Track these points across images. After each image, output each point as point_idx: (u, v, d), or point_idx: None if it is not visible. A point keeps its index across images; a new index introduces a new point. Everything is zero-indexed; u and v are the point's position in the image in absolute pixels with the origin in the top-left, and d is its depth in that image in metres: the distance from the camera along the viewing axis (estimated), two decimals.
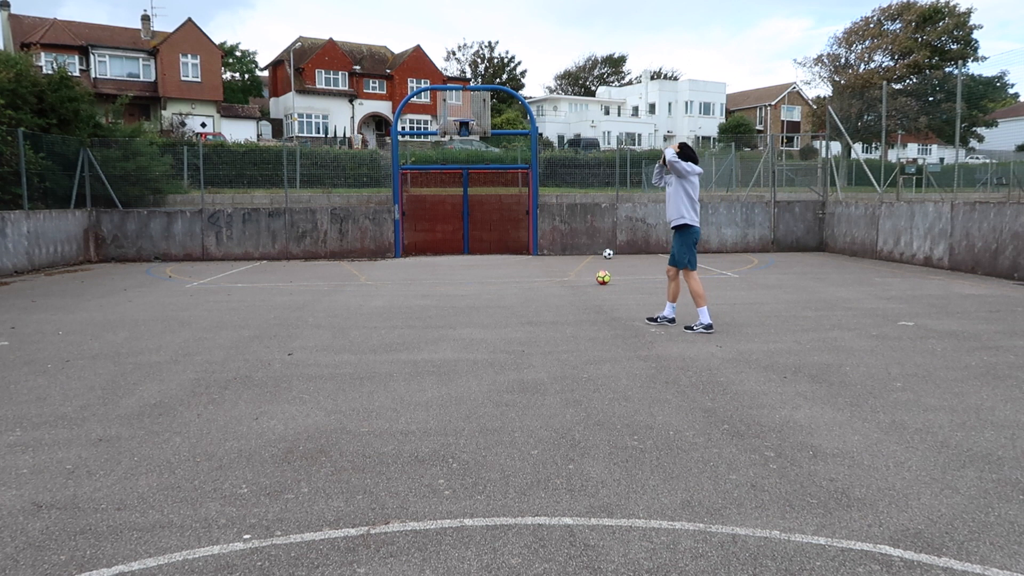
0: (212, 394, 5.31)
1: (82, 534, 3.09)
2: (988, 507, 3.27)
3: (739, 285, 11.59)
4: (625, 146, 43.52)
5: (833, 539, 2.99)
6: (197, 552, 2.93)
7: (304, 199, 22.28)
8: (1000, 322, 7.91)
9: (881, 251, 15.71)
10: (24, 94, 16.52)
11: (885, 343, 6.87)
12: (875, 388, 5.30)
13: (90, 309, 9.49)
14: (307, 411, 4.87)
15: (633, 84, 66.95)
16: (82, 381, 5.70)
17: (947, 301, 9.50)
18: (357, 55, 49.45)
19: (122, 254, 17.22)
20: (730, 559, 2.84)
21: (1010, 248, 12.10)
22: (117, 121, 22.34)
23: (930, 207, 14.25)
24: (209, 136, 36.00)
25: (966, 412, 4.71)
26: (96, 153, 17.49)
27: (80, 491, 3.54)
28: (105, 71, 39.08)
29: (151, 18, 41.94)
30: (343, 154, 31.67)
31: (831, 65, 38.88)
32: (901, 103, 31.89)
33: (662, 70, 70.48)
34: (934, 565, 2.77)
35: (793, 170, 26.85)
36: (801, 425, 4.47)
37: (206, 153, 23.65)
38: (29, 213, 14.74)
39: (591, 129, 54.68)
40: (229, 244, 17.63)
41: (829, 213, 18.17)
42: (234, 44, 50.89)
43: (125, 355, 6.64)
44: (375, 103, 48.58)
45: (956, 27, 36.18)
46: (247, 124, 43.24)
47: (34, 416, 4.78)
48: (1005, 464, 3.79)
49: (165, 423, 4.63)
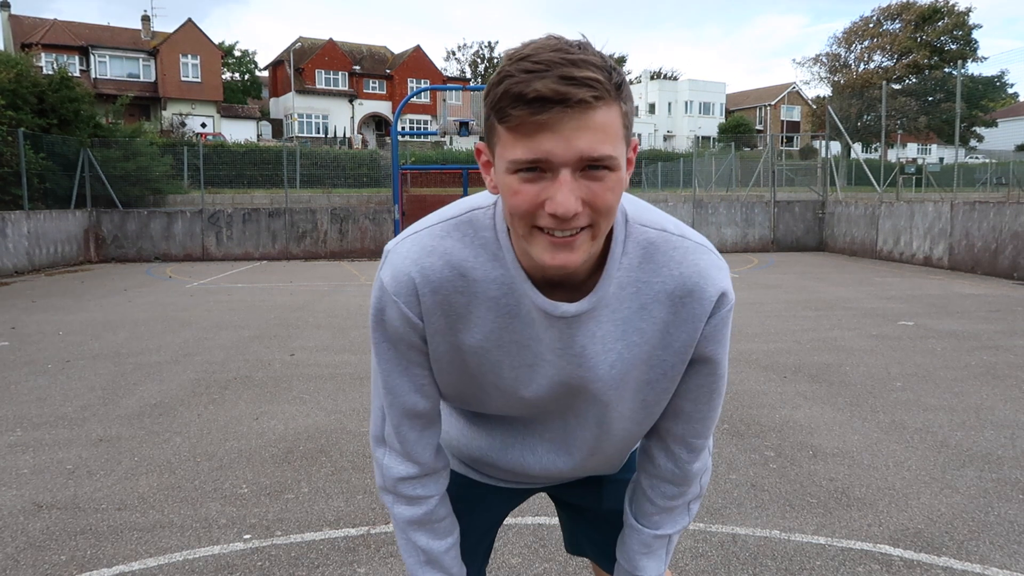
0: (212, 394, 5.32)
1: (82, 534, 3.09)
2: (988, 507, 3.27)
3: (739, 285, 11.59)
4: None
5: (833, 539, 2.99)
6: (197, 552, 2.93)
7: (304, 199, 22.28)
8: (1000, 322, 7.92)
9: (881, 251, 15.71)
10: (24, 94, 16.54)
11: (885, 343, 6.87)
12: (875, 388, 5.31)
13: (90, 309, 9.50)
14: (307, 411, 4.87)
15: (633, 84, 66.99)
16: (82, 381, 5.70)
17: (947, 301, 9.50)
18: (357, 55, 49.45)
19: (122, 254, 17.22)
20: (730, 559, 2.84)
21: (1010, 248, 12.11)
22: (117, 121, 22.36)
23: (930, 207, 14.25)
24: (209, 136, 36.00)
25: (966, 412, 4.71)
26: (96, 153, 17.50)
27: (80, 491, 3.54)
28: (105, 71, 39.06)
29: (151, 18, 41.94)
30: (343, 154, 31.68)
31: (830, 65, 38.89)
32: (901, 103, 31.89)
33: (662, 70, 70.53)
34: (934, 564, 2.78)
35: (793, 170, 26.85)
36: (801, 425, 4.48)
37: (206, 153, 23.65)
38: (29, 213, 14.75)
39: None
40: (229, 244, 17.63)
41: (829, 213, 18.17)
42: (233, 44, 50.88)
43: (125, 355, 6.64)
44: (375, 103, 48.58)
45: (956, 27, 36.18)
46: (247, 124, 43.23)
47: (34, 416, 4.78)
48: (1005, 464, 3.79)
49: (165, 423, 4.63)
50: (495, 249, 1.05)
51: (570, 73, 0.86)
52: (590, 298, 1.03)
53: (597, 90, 0.87)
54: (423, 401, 1.17)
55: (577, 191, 0.90)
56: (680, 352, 1.09)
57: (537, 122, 0.87)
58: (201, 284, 12.47)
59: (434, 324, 1.08)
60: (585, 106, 0.87)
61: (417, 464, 1.20)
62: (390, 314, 1.08)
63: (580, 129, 0.88)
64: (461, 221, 1.08)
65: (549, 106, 0.86)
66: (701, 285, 1.05)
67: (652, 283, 1.05)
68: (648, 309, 1.06)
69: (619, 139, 0.92)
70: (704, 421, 1.18)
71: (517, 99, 0.87)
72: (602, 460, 1.28)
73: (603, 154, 0.89)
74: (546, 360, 1.09)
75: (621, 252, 1.04)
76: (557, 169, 0.89)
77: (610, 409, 1.15)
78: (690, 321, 1.07)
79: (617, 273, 1.04)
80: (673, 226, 1.09)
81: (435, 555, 1.24)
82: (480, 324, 1.08)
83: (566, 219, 0.90)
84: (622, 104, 0.92)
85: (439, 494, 1.24)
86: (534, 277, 1.04)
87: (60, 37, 37.82)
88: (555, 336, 1.06)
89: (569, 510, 1.49)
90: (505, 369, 1.11)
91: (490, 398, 1.18)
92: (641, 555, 1.25)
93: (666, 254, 1.05)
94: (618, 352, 1.08)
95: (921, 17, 36.21)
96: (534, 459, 1.28)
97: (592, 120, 0.88)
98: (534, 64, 0.87)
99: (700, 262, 1.06)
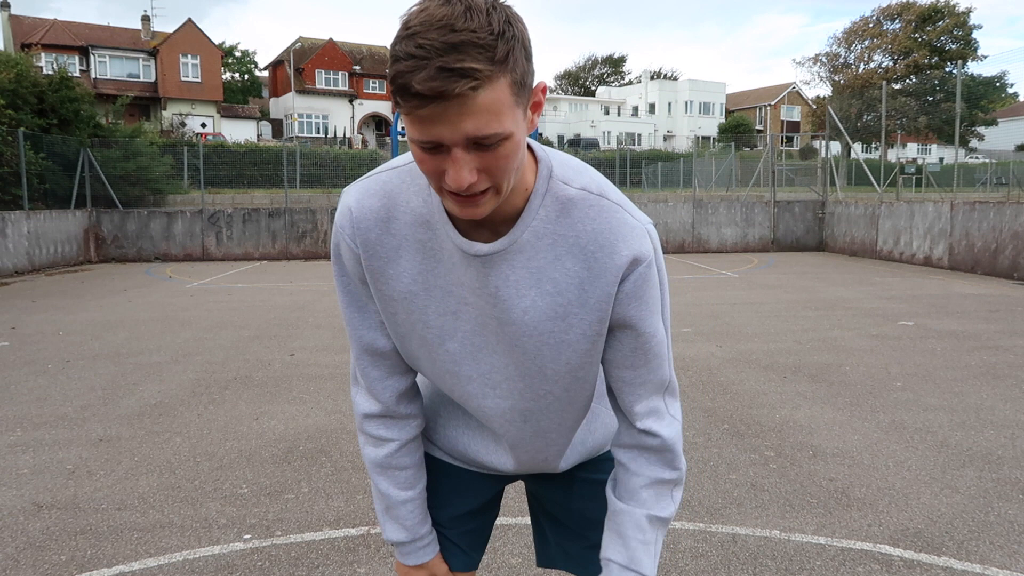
0: (212, 394, 5.32)
1: (82, 534, 3.09)
2: (988, 506, 3.27)
3: (739, 285, 11.59)
4: (625, 146, 43.53)
5: (833, 539, 2.99)
6: (198, 552, 2.93)
7: (304, 199, 22.26)
8: (1000, 322, 7.92)
9: (881, 251, 15.71)
10: (24, 94, 16.54)
11: (885, 343, 6.87)
12: (875, 388, 5.31)
13: (90, 309, 9.50)
14: (307, 411, 4.87)
15: (633, 84, 66.95)
16: (82, 381, 5.70)
17: (947, 301, 9.50)
18: (357, 55, 49.45)
19: (122, 254, 17.22)
20: (730, 559, 2.84)
21: (1009, 248, 12.11)
22: (117, 121, 22.36)
23: (930, 207, 14.26)
24: (209, 136, 35.99)
25: (966, 412, 4.71)
26: (96, 153, 17.50)
27: (80, 491, 3.54)
28: (105, 71, 39.05)
29: (151, 18, 41.95)
30: (343, 154, 31.68)
31: (830, 65, 38.90)
32: (901, 103, 31.90)
33: (662, 70, 70.53)
34: (934, 564, 2.78)
35: (793, 170, 26.86)
36: (801, 425, 4.48)
37: (206, 153, 23.65)
38: (29, 213, 14.75)
39: (591, 129, 54.67)
40: (229, 244, 17.63)
41: (829, 213, 18.17)
42: (233, 44, 50.89)
43: (125, 355, 6.64)
44: (375, 103, 48.57)
45: (956, 27, 36.18)
46: (247, 124, 43.23)
47: (35, 416, 4.78)
48: (1005, 463, 3.80)
49: (165, 423, 4.63)
50: (426, 196, 1.13)
51: (448, 64, 0.88)
52: (503, 240, 1.09)
53: (477, 79, 0.90)
54: (381, 339, 1.25)
55: (471, 163, 0.95)
56: (596, 310, 1.13)
57: (422, 114, 0.92)
58: (201, 284, 12.47)
59: (370, 262, 1.17)
60: (464, 97, 0.90)
61: (379, 403, 1.29)
62: (342, 248, 1.18)
63: (463, 115, 0.91)
64: (404, 170, 1.17)
65: (429, 101, 0.90)
66: (612, 241, 1.10)
67: (567, 236, 1.10)
68: (562, 260, 1.11)
69: (508, 111, 0.94)
70: (647, 385, 1.20)
71: (403, 91, 0.91)
72: (547, 443, 1.30)
73: (489, 133, 0.93)
74: (468, 303, 1.15)
75: (539, 204, 1.10)
76: (449, 148, 0.95)
77: (529, 363, 1.18)
78: (602, 277, 1.11)
79: (533, 223, 1.10)
80: (595, 187, 1.12)
81: (393, 503, 1.32)
82: (408, 267, 1.16)
83: (462, 190, 0.96)
84: (511, 73, 0.93)
85: (400, 440, 1.31)
86: (456, 221, 1.11)
87: (60, 37, 37.82)
88: (472, 276, 1.12)
89: (542, 516, 1.51)
90: (431, 316, 1.18)
91: (421, 356, 1.24)
92: (638, 543, 1.23)
93: (582, 211, 1.10)
94: (531, 299, 1.13)
95: (921, 17, 36.21)
96: (476, 444, 1.34)
97: (475, 105, 0.91)
98: (417, 48, 0.89)
99: (612, 220, 1.11)
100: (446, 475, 1.41)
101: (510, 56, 0.92)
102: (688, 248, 18.60)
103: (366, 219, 1.15)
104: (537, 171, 1.11)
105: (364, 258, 1.17)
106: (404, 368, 1.29)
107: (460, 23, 0.89)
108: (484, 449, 1.35)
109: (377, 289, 1.19)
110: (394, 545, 1.37)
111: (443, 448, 1.41)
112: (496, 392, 1.23)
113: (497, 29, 0.91)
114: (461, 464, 1.41)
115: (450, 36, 0.89)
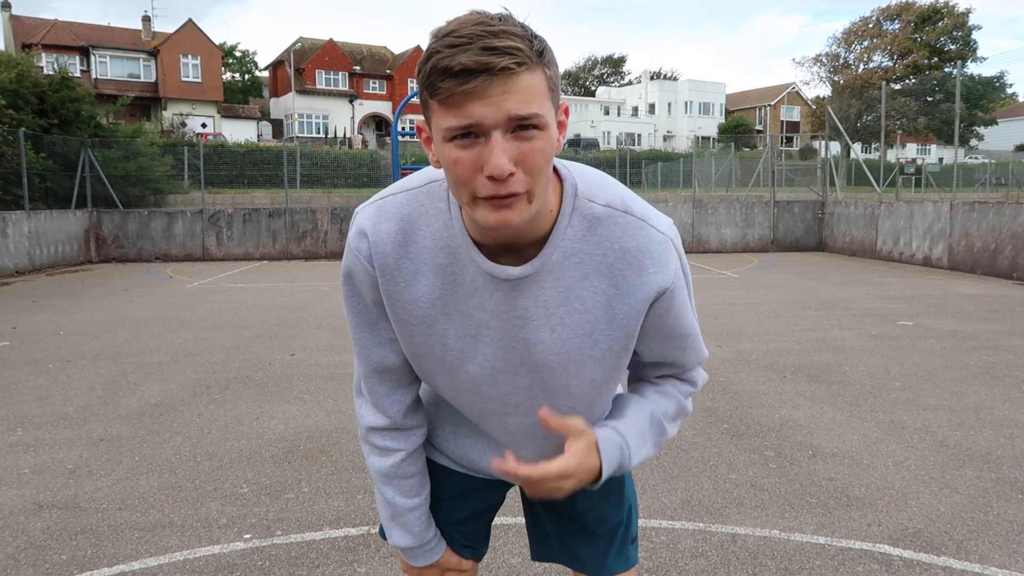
0: (213, 394, 5.32)
1: (83, 534, 3.09)
2: (987, 506, 3.28)
3: (739, 285, 11.60)
4: (625, 146, 43.51)
5: (833, 538, 3.00)
6: (198, 552, 2.94)
7: (304, 199, 22.27)
8: (999, 322, 7.92)
9: (880, 251, 15.72)
10: (25, 95, 16.55)
11: (884, 343, 6.87)
12: (874, 388, 5.31)
13: (91, 309, 9.50)
14: (307, 411, 4.88)
15: (633, 84, 66.95)
16: (83, 381, 5.71)
17: (946, 301, 9.51)
18: (357, 55, 49.45)
19: (123, 254, 17.22)
20: (730, 559, 2.85)
21: (1009, 248, 12.12)
22: (118, 122, 22.39)
23: (929, 207, 14.26)
24: (209, 136, 36.00)
25: (965, 411, 4.72)
26: (97, 153, 17.50)
27: (81, 491, 3.55)
28: (106, 72, 39.06)
29: (151, 19, 41.95)
30: (343, 154, 31.70)
31: (830, 65, 38.92)
32: (900, 103, 31.93)
33: (662, 70, 70.52)
34: (933, 564, 2.78)
35: (793, 170, 26.87)
36: (801, 425, 4.48)
37: (206, 153, 23.65)
38: (30, 213, 14.75)
39: (591, 129, 54.67)
40: (229, 244, 17.64)
41: (828, 213, 18.18)
42: (234, 44, 50.90)
43: (126, 355, 6.65)
44: (375, 103, 48.57)
45: (955, 27, 36.21)
46: (247, 124, 43.24)
47: (35, 416, 4.79)
48: (1004, 463, 3.80)
49: (166, 423, 4.63)
50: (446, 219, 1.13)
51: (492, 44, 0.92)
52: (534, 263, 1.10)
53: (519, 57, 0.93)
54: (391, 356, 1.25)
55: (509, 151, 0.96)
56: (623, 326, 1.15)
57: (465, 92, 0.93)
58: (201, 284, 12.48)
59: (387, 286, 1.16)
60: (508, 72, 0.93)
61: (387, 417, 1.29)
62: (355, 269, 1.17)
63: (506, 93, 0.94)
64: (420, 192, 1.16)
65: (474, 75, 0.92)
66: (640, 259, 1.12)
67: (594, 255, 1.12)
68: (589, 279, 1.12)
69: (545, 99, 0.98)
70: (686, 357, 1.28)
71: (444, 73, 0.93)
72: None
73: (530, 112, 0.95)
74: (490, 327, 1.15)
75: (567, 224, 1.10)
76: (489, 132, 0.95)
77: (554, 381, 1.18)
78: (629, 295, 1.12)
79: (562, 243, 1.10)
80: (620, 202, 1.14)
81: (400, 511, 1.33)
82: (426, 291, 1.15)
83: (502, 179, 0.96)
84: (546, 69, 0.98)
85: (407, 450, 1.32)
86: (482, 245, 1.11)
87: (60, 37, 37.83)
88: (499, 300, 1.12)
89: (543, 510, 1.51)
90: (451, 339, 1.18)
91: (439, 375, 1.24)
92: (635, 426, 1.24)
93: (608, 228, 1.12)
94: (559, 317, 1.13)
95: (921, 17, 36.25)
96: (489, 456, 1.35)
97: (516, 84, 0.94)
98: (457, 39, 0.93)
99: (639, 237, 1.12)
100: (454, 481, 1.42)
101: (545, 53, 0.98)
102: (688, 248, 18.61)
103: (383, 243, 1.14)
104: (562, 191, 1.12)
105: (382, 282, 1.16)
106: (409, 380, 1.30)
107: (496, 23, 0.95)
108: (483, 453, 1.37)
109: (394, 313, 1.18)
110: (402, 550, 1.38)
111: (452, 457, 1.41)
112: (518, 410, 1.25)
113: (531, 32, 0.97)
114: (469, 472, 1.42)
115: (489, 28, 0.94)
